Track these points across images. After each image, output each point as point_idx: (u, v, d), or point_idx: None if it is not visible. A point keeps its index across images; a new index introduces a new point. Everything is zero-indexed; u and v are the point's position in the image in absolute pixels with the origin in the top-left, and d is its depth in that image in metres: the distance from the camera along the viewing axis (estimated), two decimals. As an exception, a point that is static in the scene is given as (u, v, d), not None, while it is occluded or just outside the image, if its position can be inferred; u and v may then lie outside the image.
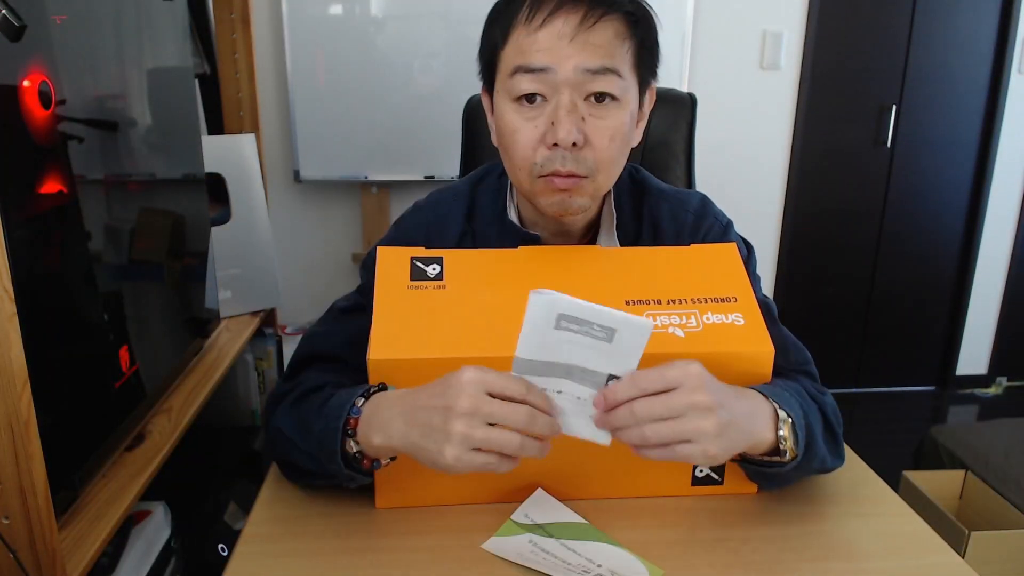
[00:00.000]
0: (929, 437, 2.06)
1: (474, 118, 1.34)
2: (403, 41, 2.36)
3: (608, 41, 0.74)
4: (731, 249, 0.82)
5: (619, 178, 0.89)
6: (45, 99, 0.85)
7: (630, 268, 0.79)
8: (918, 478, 1.88)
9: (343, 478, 0.72)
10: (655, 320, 0.73)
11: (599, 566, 0.68)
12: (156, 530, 1.12)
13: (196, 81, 1.63)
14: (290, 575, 0.68)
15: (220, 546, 1.34)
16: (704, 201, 0.93)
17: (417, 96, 2.40)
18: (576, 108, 0.74)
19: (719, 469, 0.78)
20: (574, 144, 0.75)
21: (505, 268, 0.78)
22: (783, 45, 2.60)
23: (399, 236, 0.91)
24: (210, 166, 1.47)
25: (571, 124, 0.74)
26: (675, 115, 1.34)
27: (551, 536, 0.72)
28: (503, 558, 0.69)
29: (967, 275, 2.96)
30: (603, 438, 0.65)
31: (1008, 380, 3.13)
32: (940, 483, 1.89)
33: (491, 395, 0.62)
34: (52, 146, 0.89)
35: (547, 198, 0.79)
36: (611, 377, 0.63)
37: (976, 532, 1.64)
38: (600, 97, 0.75)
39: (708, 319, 0.74)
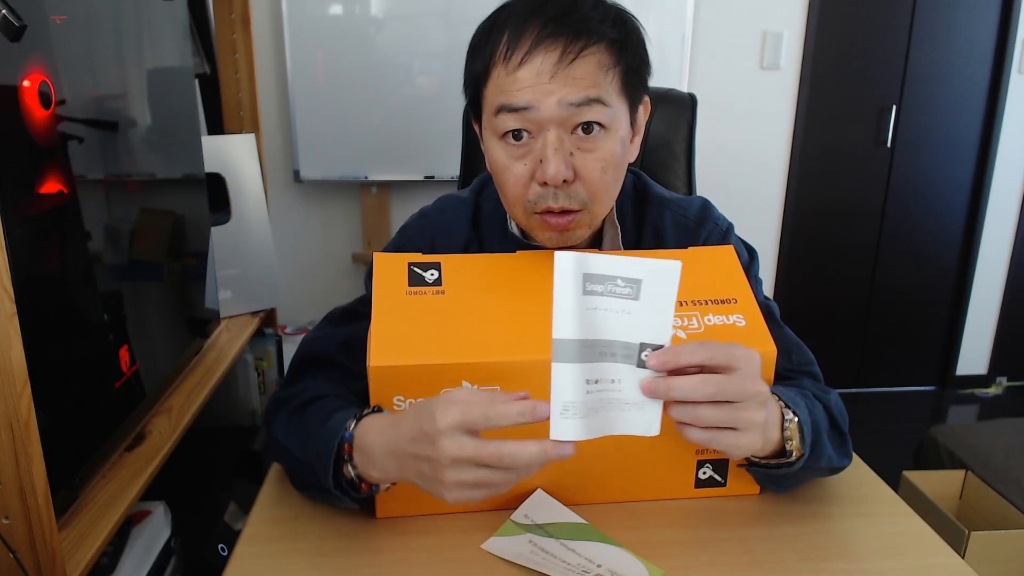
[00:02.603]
0: (929, 437, 2.07)
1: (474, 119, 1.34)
2: (403, 41, 2.36)
3: (591, 73, 0.72)
4: (728, 251, 0.82)
5: (623, 190, 0.88)
6: (45, 99, 0.85)
7: None
8: (918, 478, 1.88)
9: (333, 497, 0.71)
10: None
11: (599, 566, 0.68)
12: (156, 530, 1.12)
13: (196, 81, 1.63)
14: (290, 575, 0.68)
15: (220, 546, 1.33)
16: (705, 206, 0.92)
17: (417, 96, 2.41)
18: (563, 144, 0.73)
19: (723, 471, 0.78)
20: (564, 180, 0.73)
21: (504, 272, 0.78)
22: (783, 45, 2.60)
23: (404, 243, 0.91)
24: (210, 166, 1.47)
25: (558, 162, 0.72)
26: (675, 115, 1.34)
27: (551, 536, 0.72)
28: (503, 558, 0.69)
29: (967, 275, 2.96)
30: (653, 428, 0.60)
31: (1008, 380, 3.13)
32: (940, 483, 1.89)
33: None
34: (52, 146, 0.89)
35: (544, 233, 0.79)
36: (644, 346, 0.60)
37: (976, 532, 1.64)
38: (587, 128, 0.73)
39: (709, 320, 0.74)
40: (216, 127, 1.84)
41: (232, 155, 1.68)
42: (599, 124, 0.73)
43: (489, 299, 0.74)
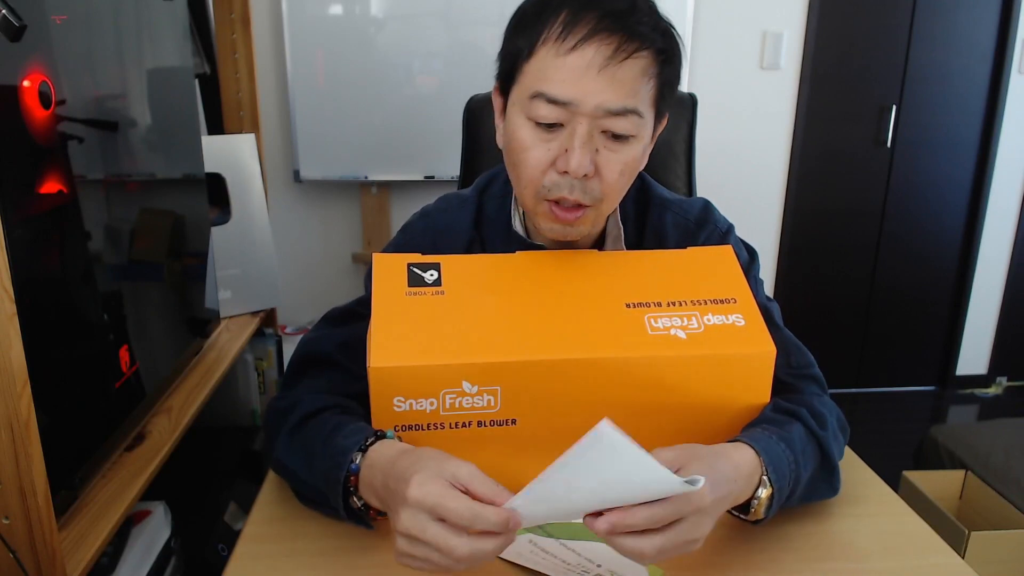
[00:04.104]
0: (929, 437, 2.07)
1: (474, 118, 1.34)
2: (403, 41, 2.36)
3: (634, 78, 0.72)
4: (727, 251, 0.82)
5: (627, 193, 0.88)
6: (45, 99, 0.85)
7: (629, 271, 0.79)
8: (918, 478, 1.88)
9: (342, 519, 0.71)
10: (656, 322, 0.73)
11: (598, 566, 0.68)
12: (156, 530, 1.12)
13: (196, 81, 1.63)
14: (290, 575, 0.68)
15: (220, 546, 1.34)
16: (706, 208, 0.92)
17: (417, 96, 2.40)
18: (592, 139, 0.73)
19: None
20: (585, 175, 0.74)
21: (503, 273, 0.78)
22: (783, 45, 2.60)
23: (406, 242, 0.90)
24: (210, 166, 1.47)
25: (584, 156, 0.73)
26: (676, 115, 1.34)
27: (551, 536, 0.72)
28: (502, 558, 0.69)
29: (967, 275, 2.96)
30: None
31: (1008, 380, 3.13)
32: (940, 483, 1.89)
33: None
34: (52, 146, 0.89)
35: (548, 223, 0.79)
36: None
37: (976, 532, 1.64)
38: (617, 135, 0.74)
39: (709, 320, 0.74)
40: (216, 127, 1.84)
41: (232, 155, 1.68)
42: (628, 134, 0.74)
43: (489, 299, 0.74)
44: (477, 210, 0.90)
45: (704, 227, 0.90)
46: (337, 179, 2.48)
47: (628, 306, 0.75)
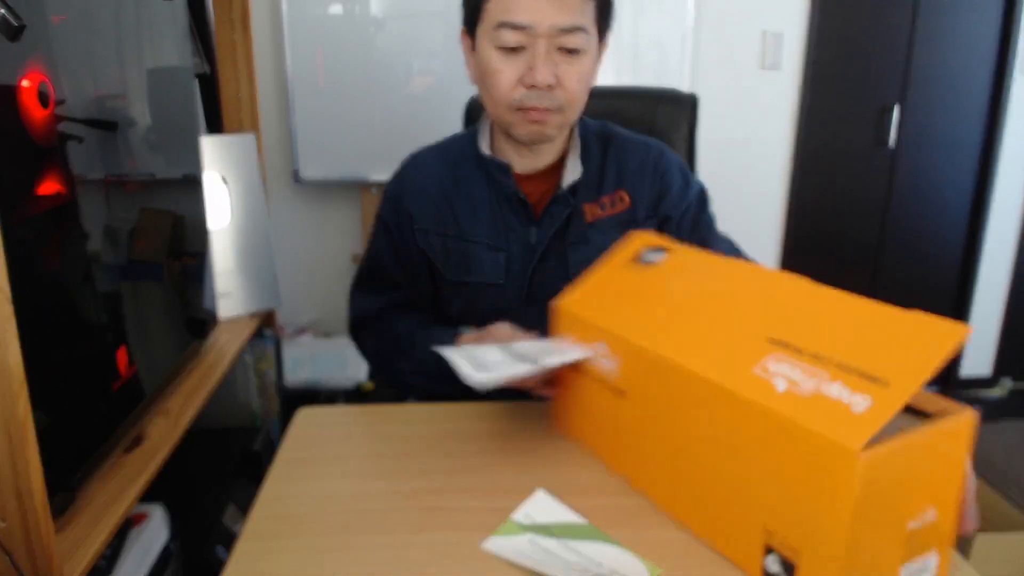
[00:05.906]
0: (931, 438, 2.06)
1: (474, 118, 1.34)
2: (403, 41, 2.36)
3: (579, 2, 0.89)
4: (958, 330, 0.59)
5: (588, 126, 1.07)
6: (44, 99, 0.85)
7: (814, 305, 0.72)
8: (920, 479, 1.87)
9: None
10: (773, 365, 0.64)
11: (599, 565, 0.67)
12: (154, 533, 1.12)
13: (196, 81, 1.63)
14: (289, 573, 0.68)
15: (219, 548, 1.33)
16: (661, 148, 1.08)
17: (417, 96, 2.40)
18: (551, 55, 0.90)
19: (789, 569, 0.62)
20: (549, 86, 0.90)
21: (709, 272, 0.82)
22: (784, 45, 2.60)
23: (388, 190, 1.10)
24: (210, 166, 1.47)
25: (546, 70, 0.90)
26: (677, 115, 1.34)
27: (552, 536, 0.71)
28: (503, 558, 0.69)
29: (971, 276, 2.95)
30: None
31: (1012, 382, 3.12)
32: (942, 484, 1.88)
33: None
34: (51, 146, 0.88)
35: (523, 128, 0.95)
36: None
37: (980, 534, 1.63)
38: (570, 49, 0.91)
39: (828, 388, 0.59)
40: (216, 127, 1.83)
41: (232, 155, 1.67)
42: (579, 48, 0.91)
43: (674, 285, 0.81)
44: (446, 150, 1.08)
45: (660, 149, 1.07)
46: (337, 179, 2.48)
47: (770, 341, 0.66)
